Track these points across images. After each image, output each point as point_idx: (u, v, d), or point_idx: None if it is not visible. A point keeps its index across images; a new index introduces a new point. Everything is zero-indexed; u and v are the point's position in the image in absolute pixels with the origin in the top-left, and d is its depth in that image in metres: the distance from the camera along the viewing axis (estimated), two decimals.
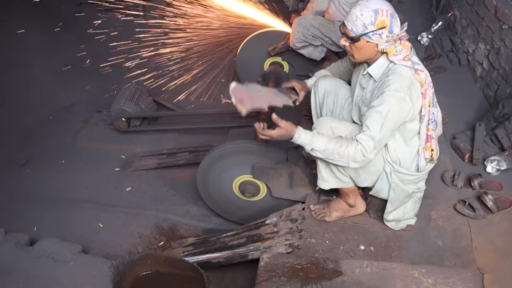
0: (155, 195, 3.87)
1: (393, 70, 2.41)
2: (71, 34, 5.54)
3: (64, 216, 3.51)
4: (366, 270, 2.52)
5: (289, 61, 4.51)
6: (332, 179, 2.72)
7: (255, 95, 2.86)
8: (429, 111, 2.49)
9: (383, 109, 2.35)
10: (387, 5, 2.37)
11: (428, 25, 5.20)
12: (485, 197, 2.89)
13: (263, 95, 2.90)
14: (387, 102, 2.35)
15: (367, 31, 2.36)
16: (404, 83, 2.37)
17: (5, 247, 2.85)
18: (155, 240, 3.43)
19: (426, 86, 2.43)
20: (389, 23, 2.35)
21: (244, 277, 3.06)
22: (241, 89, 2.81)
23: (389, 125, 2.39)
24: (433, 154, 2.61)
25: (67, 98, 5.02)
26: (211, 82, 4.98)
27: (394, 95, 2.35)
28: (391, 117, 2.36)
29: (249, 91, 2.85)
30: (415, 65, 2.43)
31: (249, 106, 2.75)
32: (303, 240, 2.80)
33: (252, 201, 3.37)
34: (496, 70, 3.88)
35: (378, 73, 2.48)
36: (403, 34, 2.45)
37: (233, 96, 2.76)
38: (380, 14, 2.33)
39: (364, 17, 2.34)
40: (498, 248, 2.71)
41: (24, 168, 4.09)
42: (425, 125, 2.51)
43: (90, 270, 2.68)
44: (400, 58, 2.40)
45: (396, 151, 2.59)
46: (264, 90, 2.94)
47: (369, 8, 2.33)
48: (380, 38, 2.37)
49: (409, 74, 2.39)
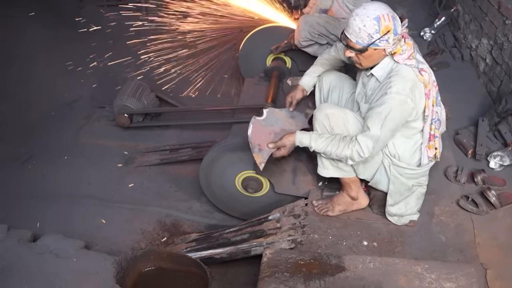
0: (158, 191, 3.86)
1: (396, 71, 2.40)
2: (73, 29, 5.52)
3: (67, 212, 3.50)
4: (369, 266, 2.52)
5: (292, 57, 4.49)
6: (332, 167, 2.73)
7: (271, 130, 3.01)
8: (432, 110, 2.49)
9: (383, 111, 2.37)
10: (385, 8, 2.35)
11: (431, 21, 5.19)
12: (488, 192, 2.89)
13: (280, 124, 3.07)
14: (388, 103, 2.36)
15: (373, 40, 2.35)
16: (407, 85, 2.37)
17: (8, 243, 2.85)
18: (158, 236, 3.42)
19: (430, 86, 2.43)
20: (393, 26, 2.34)
21: (247, 273, 3.06)
22: (258, 128, 2.96)
23: (390, 126, 2.40)
24: (436, 153, 2.62)
25: (69, 94, 5.01)
26: (214, 78, 4.98)
27: (396, 97, 2.35)
28: (391, 119, 2.37)
29: (266, 125, 3.02)
30: (420, 64, 2.42)
31: (266, 154, 2.84)
32: (306, 236, 2.80)
33: (255, 196, 3.37)
34: (499, 65, 3.87)
35: (383, 74, 2.48)
36: (405, 31, 2.45)
37: (251, 144, 2.87)
38: (382, 20, 2.31)
39: (368, 27, 2.32)
40: (501, 243, 2.72)
41: (26, 164, 4.08)
42: (429, 125, 2.52)
43: (93, 266, 2.69)
44: (404, 57, 2.40)
45: (395, 145, 2.60)
46: (282, 117, 3.11)
47: (370, 17, 2.31)
48: (387, 43, 2.36)
49: (412, 76, 2.39)
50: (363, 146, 2.39)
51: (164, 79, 4.71)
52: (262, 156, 2.85)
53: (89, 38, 5.35)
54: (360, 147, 2.40)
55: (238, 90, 4.75)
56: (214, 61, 4.89)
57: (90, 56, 5.22)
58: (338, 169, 2.73)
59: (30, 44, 5.28)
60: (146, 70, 4.88)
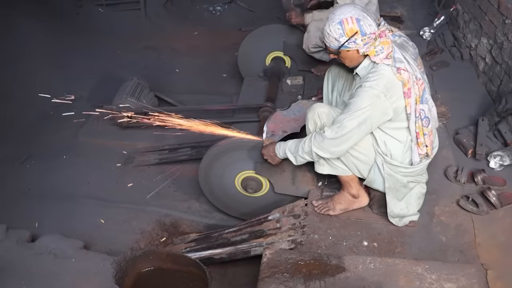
0: (157, 191, 3.85)
1: (375, 69, 2.45)
2: (72, 29, 5.52)
3: (66, 212, 3.49)
4: (369, 266, 2.52)
5: (291, 56, 4.49)
6: (326, 164, 2.76)
7: (292, 118, 3.21)
8: (415, 109, 2.50)
9: (354, 102, 2.45)
10: (351, 11, 2.42)
11: (430, 20, 5.18)
12: (489, 192, 2.88)
13: (302, 114, 3.17)
14: (360, 96, 2.43)
15: (342, 43, 2.45)
16: (381, 81, 2.41)
17: (7, 243, 2.84)
18: (157, 236, 3.42)
19: (409, 85, 2.43)
20: (358, 28, 2.40)
21: (246, 273, 3.05)
22: (278, 118, 3.18)
23: (358, 118, 2.44)
24: (427, 150, 2.62)
25: (68, 93, 5.00)
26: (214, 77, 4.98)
27: (369, 90, 2.41)
28: (360, 109, 2.42)
29: (287, 115, 3.23)
30: (397, 63, 2.43)
31: (278, 138, 3.02)
32: (306, 236, 2.80)
33: (254, 196, 3.36)
34: (499, 64, 3.86)
35: (365, 73, 2.53)
36: (383, 29, 2.47)
37: (265, 131, 3.08)
38: (345, 24, 2.41)
39: (333, 32, 2.44)
40: (501, 243, 2.71)
41: (25, 164, 4.07)
42: (413, 123, 2.53)
43: (92, 266, 2.68)
44: (382, 57, 2.43)
45: (386, 143, 2.61)
46: (306, 107, 3.17)
47: (334, 21, 2.43)
48: (356, 44, 2.44)
49: (389, 74, 2.42)
50: (326, 131, 2.51)
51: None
52: (272, 140, 3.01)
53: (88, 38, 5.34)
54: (323, 132, 2.52)
55: (237, 89, 4.74)
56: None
57: (89, 55, 5.21)
58: (331, 166, 2.75)
59: (29, 44, 5.27)
60: (145, 69, 4.87)
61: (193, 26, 6.44)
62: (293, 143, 2.70)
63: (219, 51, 5.81)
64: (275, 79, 4.30)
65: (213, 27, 6.45)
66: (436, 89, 3.98)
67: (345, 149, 2.57)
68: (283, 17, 4.29)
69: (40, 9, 5.62)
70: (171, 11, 6.74)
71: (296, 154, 2.68)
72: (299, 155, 2.67)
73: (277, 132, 3.05)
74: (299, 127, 3.18)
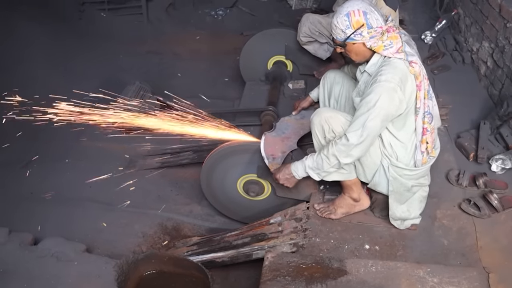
0: (159, 194, 3.85)
1: (388, 62, 2.45)
2: (74, 32, 5.53)
3: (68, 215, 3.49)
4: (371, 269, 2.52)
5: (293, 60, 4.50)
6: (335, 171, 2.72)
7: (283, 137, 3.18)
8: (424, 103, 2.51)
9: (372, 99, 2.41)
10: (359, 4, 2.43)
11: (431, 24, 5.19)
12: (490, 196, 2.88)
13: (291, 130, 3.24)
14: (377, 91, 2.41)
15: (348, 35, 2.44)
16: (397, 74, 2.40)
17: (9, 246, 2.85)
18: (159, 240, 3.42)
19: (421, 78, 2.45)
20: (365, 20, 2.41)
21: (248, 277, 3.06)
22: (270, 140, 3.13)
23: (379, 115, 2.42)
24: (428, 147, 2.62)
25: (70, 96, 5.00)
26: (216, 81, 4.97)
27: (385, 85, 2.39)
28: (380, 107, 2.40)
29: (277, 135, 3.19)
30: (409, 57, 2.45)
31: (280, 160, 3.02)
32: (308, 239, 2.80)
33: (256, 200, 3.37)
34: (500, 68, 3.87)
35: (374, 70, 2.52)
36: (390, 25, 2.48)
37: (265, 157, 3.04)
38: (352, 16, 2.41)
39: (340, 23, 2.44)
40: (503, 247, 2.70)
41: (28, 167, 4.08)
42: (421, 118, 2.53)
43: (94, 269, 2.69)
44: (393, 51, 2.44)
45: (392, 145, 2.61)
46: (292, 122, 3.29)
47: (341, 14, 2.44)
48: (362, 36, 2.43)
49: (402, 66, 2.42)
50: (349, 137, 2.46)
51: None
52: (276, 163, 2.99)
53: (90, 42, 5.35)
54: (346, 138, 2.47)
55: (239, 93, 4.75)
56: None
57: (91, 59, 5.22)
58: (339, 172, 2.73)
59: (30, 47, 5.27)
60: (147, 73, 4.87)
61: (195, 31, 6.45)
62: (311, 160, 2.64)
63: (221, 55, 5.82)
64: (277, 83, 4.30)
65: (215, 32, 6.45)
66: (438, 93, 3.97)
67: (368, 149, 2.58)
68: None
69: (42, 12, 5.63)
70: (173, 15, 6.76)
71: (319, 171, 2.64)
72: (324, 171, 2.63)
73: (276, 154, 3.02)
74: (294, 144, 3.16)
